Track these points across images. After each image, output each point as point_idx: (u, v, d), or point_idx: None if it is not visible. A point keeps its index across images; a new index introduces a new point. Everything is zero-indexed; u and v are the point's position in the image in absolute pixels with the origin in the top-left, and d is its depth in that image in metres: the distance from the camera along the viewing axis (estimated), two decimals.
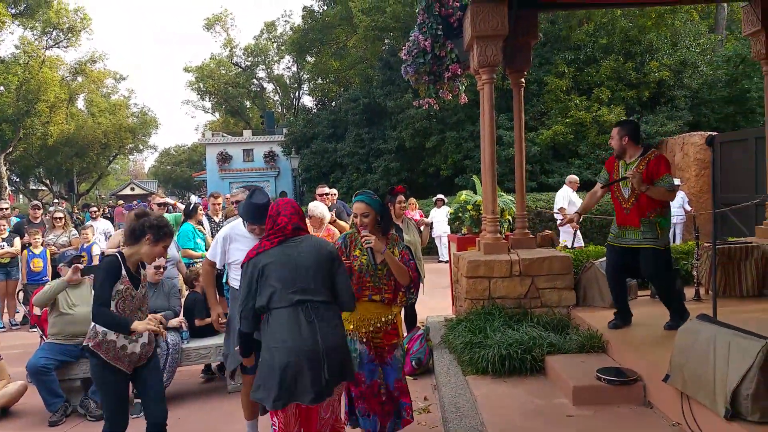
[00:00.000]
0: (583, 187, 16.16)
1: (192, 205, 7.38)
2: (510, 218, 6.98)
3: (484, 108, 5.60)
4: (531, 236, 6.17)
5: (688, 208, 12.54)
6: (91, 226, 9.30)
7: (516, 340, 4.68)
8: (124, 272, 3.36)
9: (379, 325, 3.61)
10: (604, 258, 5.83)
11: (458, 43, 5.78)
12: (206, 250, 5.84)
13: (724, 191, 11.90)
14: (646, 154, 4.55)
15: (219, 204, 7.60)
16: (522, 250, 5.80)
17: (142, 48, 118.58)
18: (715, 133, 13.67)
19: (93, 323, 3.38)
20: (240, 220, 4.20)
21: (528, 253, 5.67)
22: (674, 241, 11.76)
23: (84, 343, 3.45)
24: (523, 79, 6.32)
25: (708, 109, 17.10)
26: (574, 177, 11.22)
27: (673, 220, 12.45)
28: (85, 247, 8.57)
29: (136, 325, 3.20)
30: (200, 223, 7.19)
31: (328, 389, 2.89)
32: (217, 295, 4.51)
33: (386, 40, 21.55)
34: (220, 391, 5.53)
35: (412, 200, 12.98)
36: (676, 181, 12.28)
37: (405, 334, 5.79)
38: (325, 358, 2.85)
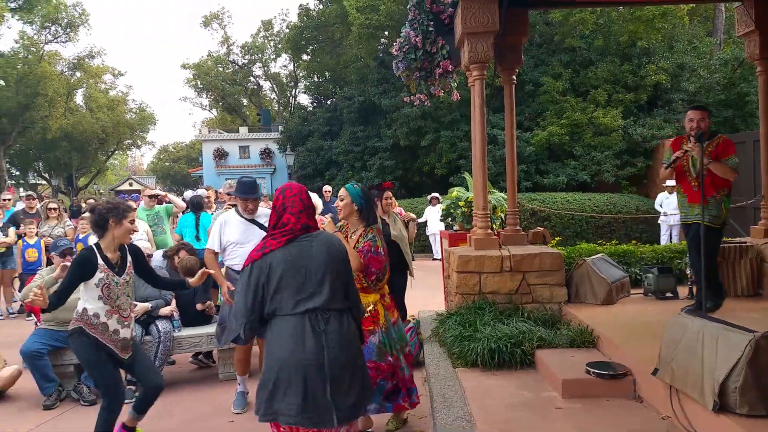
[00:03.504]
0: (579, 188, 16.28)
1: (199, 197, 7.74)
2: (502, 215, 7.00)
3: (474, 104, 5.62)
4: (522, 233, 6.19)
5: None
6: (86, 218, 9.32)
7: (506, 333, 4.70)
8: (101, 261, 3.54)
9: None
10: (596, 255, 5.89)
11: (449, 39, 5.80)
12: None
13: None
14: (714, 138, 4.80)
15: (210, 198, 7.76)
16: (513, 246, 5.82)
17: (139, 44, 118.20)
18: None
19: (78, 307, 3.55)
20: (231, 210, 4.68)
21: (519, 249, 5.69)
22: (671, 241, 11.83)
23: (73, 326, 3.56)
24: (514, 77, 6.34)
25: None
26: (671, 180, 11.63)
27: (669, 221, 12.54)
28: (81, 237, 8.61)
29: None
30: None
31: (338, 412, 2.57)
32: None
33: (381, 39, 21.57)
34: (212, 378, 5.58)
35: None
36: (670, 183, 12.38)
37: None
38: (329, 373, 2.57)
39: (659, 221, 13.00)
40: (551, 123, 16.68)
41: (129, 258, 3.71)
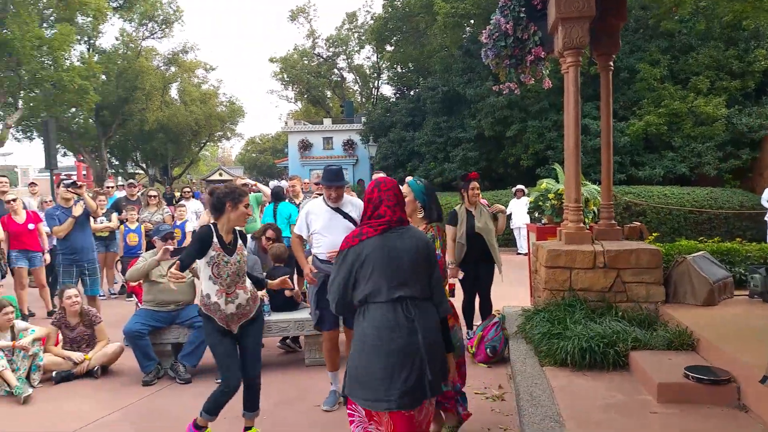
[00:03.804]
0: (677, 181, 15.33)
1: (280, 188, 7.93)
2: (595, 209, 6.71)
3: (568, 91, 5.39)
4: (617, 227, 5.90)
5: None
6: (184, 205, 9.83)
7: (598, 333, 4.51)
8: (215, 240, 3.68)
9: None
10: (698, 253, 5.52)
11: (542, 25, 5.59)
12: None
13: None
14: None
15: (295, 187, 7.96)
16: (607, 241, 5.56)
17: (229, 40, 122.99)
18: None
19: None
20: (318, 198, 4.68)
21: (614, 244, 5.42)
22: None
23: (198, 306, 3.82)
24: (611, 63, 6.04)
25: None
26: None
27: None
28: (178, 224, 9.08)
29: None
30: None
31: (430, 391, 2.68)
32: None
33: (467, 28, 21.20)
34: (299, 363, 5.72)
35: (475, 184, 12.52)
36: None
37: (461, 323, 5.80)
38: (427, 357, 2.66)
39: (766, 218, 12.03)
40: (648, 112, 15.76)
41: (240, 241, 3.86)
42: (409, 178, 4.10)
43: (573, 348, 4.40)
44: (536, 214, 7.46)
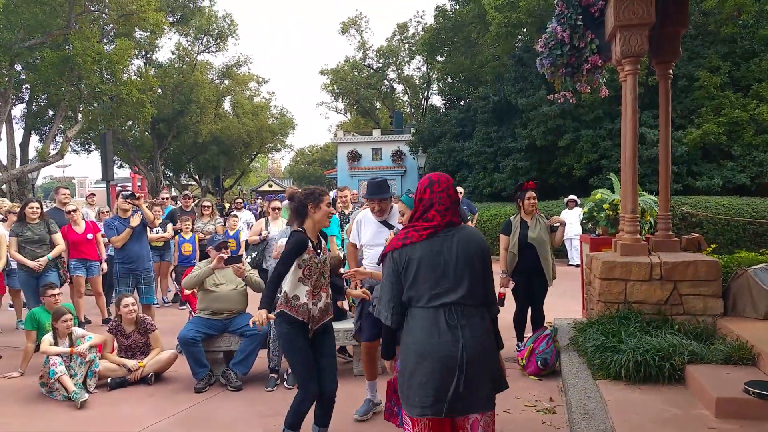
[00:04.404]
0: (737, 192, 14.79)
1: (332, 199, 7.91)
2: (651, 219, 6.56)
3: (626, 99, 5.31)
4: (675, 238, 5.76)
5: None
6: (237, 216, 10.03)
7: (653, 346, 4.40)
8: (309, 244, 3.73)
9: None
10: (759, 265, 5.32)
11: (599, 33, 5.53)
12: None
13: None
14: None
15: (346, 197, 7.91)
16: (664, 253, 5.43)
17: (282, 52, 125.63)
18: None
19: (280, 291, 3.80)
20: (368, 209, 4.58)
21: (671, 256, 5.29)
22: None
23: (277, 311, 3.77)
24: (671, 71, 5.91)
25: None
26: None
27: None
28: (231, 234, 9.28)
29: (258, 316, 3.53)
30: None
31: (467, 400, 2.57)
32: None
33: (519, 37, 21.09)
34: (348, 372, 5.76)
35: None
36: None
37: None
38: (465, 368, 2.54)
39: None
40: (706, 120, 15.30)
41: (323, 241, 3.94)
42: (402, 197, 4.01)
43: (627, 361, 4.32)
44: (590, 225, 7.33)
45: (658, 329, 4.76)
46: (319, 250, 3.81)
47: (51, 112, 25.24)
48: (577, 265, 10.91)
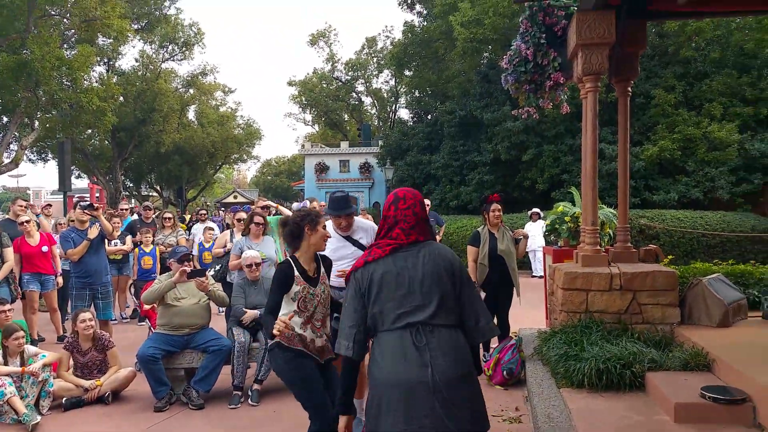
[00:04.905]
0: (691, 205, 15.35)
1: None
2: (610, 232, 6.77)
3: (587, 116, 5.50)
4: (633, 250, 5.95)
5: None
6: (213, 228, 9.89)
7: (615, 354, 4.53)
8: (297, 274, 3.43)
9: None
10: (713, 275, 5.55)
11: (561, 51, 5.72)
12: None
13: None
14: None
15: (315, 209, 7.90)
16: (623, 264, 5.60)
17: (249, 62, 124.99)
18: None
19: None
20: (329, 222, 4.36)
21: (630, 267, 5.47)
22: None
23: (272, 343, 3.43)
24: (629, 89, 6.14)
25: None
26: None
27: None
28: (207, 247, 9.10)
29: (275, 329, 3.24)
30: None
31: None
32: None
33: (485, 53, 21.50)
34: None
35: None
36: None
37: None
38: (436, 392, 2.30)
39: None
40: (662, 137, 15.91)
41: (323, 268, 3.63)
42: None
43: (590, 369, 4.43)
44: (552, 237, 7.52)
45: (618, 338, 4.89)
46: (315, 279, 3.51)
47: (5, 119, 24.30)
48: (541, 276, 11.12)
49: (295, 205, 9.47)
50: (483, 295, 5.76)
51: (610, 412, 4.00)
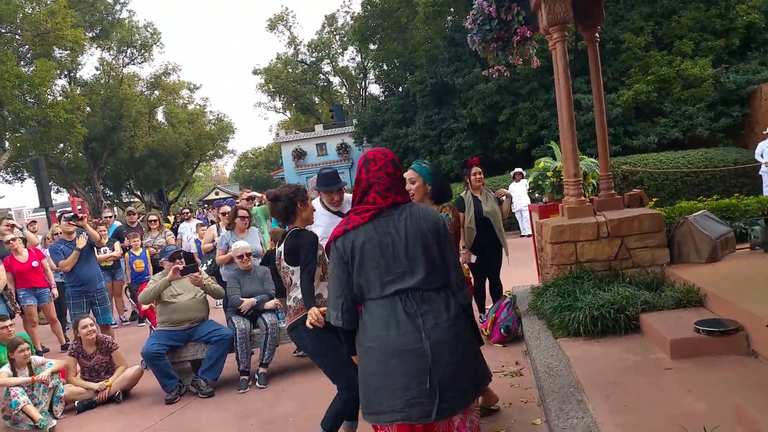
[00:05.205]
0: (672, 146, 15.41)
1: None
2: (593, 182, 6.79)
3: (558, 67, 5.45)
4: (618, 197, 5.98)
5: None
6: (205, 226, 9.94)
7: (608, 300, 4.58)
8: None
9: None
10: (698, 212, 5.60)
11: (525, 5, 5.65)
12: None
13: None
14: None
15: None
16: (609, 211, 5.63)
17: (210, 56, 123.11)
18: None
19: (290, 300, 3.59)
20: (316, 201, 4.45)
21: (615, 213, 5.50)
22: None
23: (297, 319, 3.50)
24: (597, 35, 6.10)
25: None
26: None
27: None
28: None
29: (312, 311, 3.28)
30: None
31: (443, 402, 2.27)
32: None
33: (448, 17, 21.29)
34: (317, 367, 5.71)
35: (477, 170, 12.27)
36: None
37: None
38: (433, 360, 2.27)
39: (760, 172, 12.14)
40: (636, 81, 15.86)
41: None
42: (413, 164, 4.02)
43: (584, 317, 4.48)
44: (536, 195, 7.54)
45: (610, 284, 4.94)
46: None
47: None
48: (529, 236, 11.18)
49: None
50: (474, 258, 5.78)
51: (607, 356, 4.06)
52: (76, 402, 5.39)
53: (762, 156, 12.04)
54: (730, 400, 2.93)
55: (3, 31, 21.00)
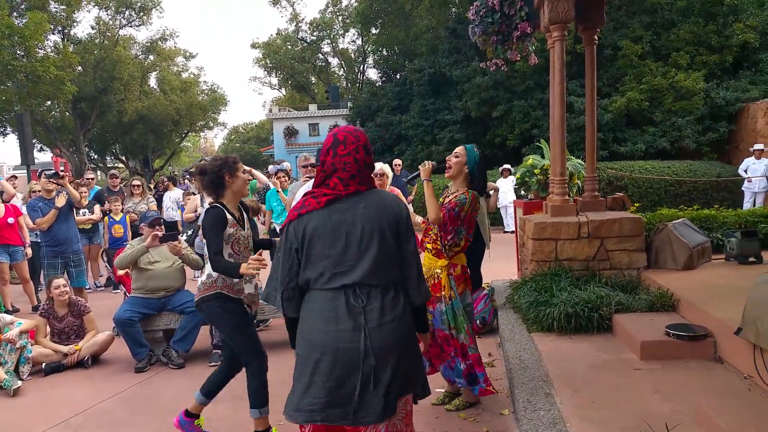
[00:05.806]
0: (658, 156, 15.59)
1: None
2: (579, 183, 6.86)
3: (554, 65, 5.50)
4: (601, 199, 6.06)
5: None
6: (193, 193, 9.78)
7: (583, 299, 4.67)
8: (229, 217, 3.44)
9: (426, 276, 3.59)
10: (678, 220, 5.70)
11: (528, 1, 5.68)
12: None
13: None
14: None
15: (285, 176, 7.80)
16: (591, 212, 5.71)
17: (210, 25, 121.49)
18: None
19: (203, 276, 3.55)
20: (311, 182, 4.40)
21: (597, 215, 5.58)
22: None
23: (207, 293, 3.48)
24: (596, 37, 6.14)
25: None
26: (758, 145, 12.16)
27: (754, 188, 11.94)
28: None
29: (244, 268, 3.22)
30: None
31: (368, 410, 2.11)
32: None
33: (453, 8, 21.23)
34: (287, 344, 5.74)
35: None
36: (758, 147, 11.74)
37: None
38: (366, 360, 2.10)
39: (743, 188, 12.40)
40: (630, 89, 15.99)
41: (245, 214, 3.67)
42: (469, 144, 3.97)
43: (559, 314, 4.57)
44: (522, 191, 7.60)
45: (587, 283, 5.04)
46: (243, 221, 3.58)
47: None
48: (512, 232, 11.26)
49: (271, 168, 9.33)
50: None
51: (578, 352, 4.14)
52: (43, 364, 5.27)
53: (746, 172, 12.27)
54: (694, 402, 3.02)
55: None
